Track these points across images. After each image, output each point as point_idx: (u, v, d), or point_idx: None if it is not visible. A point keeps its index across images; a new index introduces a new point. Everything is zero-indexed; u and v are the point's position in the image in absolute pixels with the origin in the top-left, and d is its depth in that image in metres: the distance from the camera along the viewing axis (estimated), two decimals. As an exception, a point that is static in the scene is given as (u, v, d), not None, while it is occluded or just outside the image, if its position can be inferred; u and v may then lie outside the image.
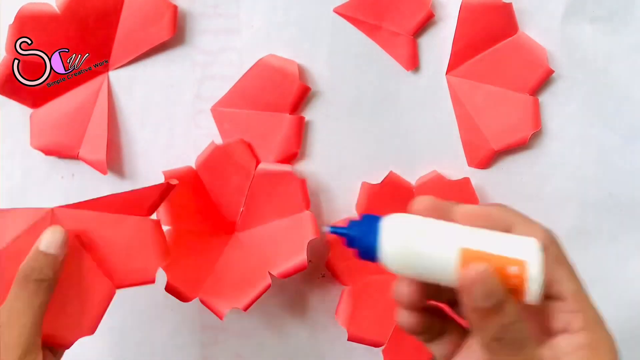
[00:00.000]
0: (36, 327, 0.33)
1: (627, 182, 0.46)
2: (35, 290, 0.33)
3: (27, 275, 0.33)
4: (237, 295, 0.43)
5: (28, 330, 0.32)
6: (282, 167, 0.45)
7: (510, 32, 0.45)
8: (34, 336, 0.32)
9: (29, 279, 0.33)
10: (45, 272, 0.33)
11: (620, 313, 0.46)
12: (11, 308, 0.33)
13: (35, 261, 0.33)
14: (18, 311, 0.32)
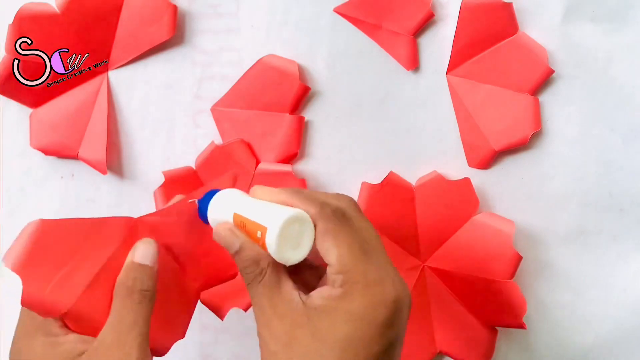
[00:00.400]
0: (145, 340, 0.32)
1: (627, 182, 0.46)
2: (140, 302, 0.32)
3: (130, 287, 0.33)
4: (237, 296, 0.43)
5: (138, 343, 0.31)
6: (281, 167, 0.45)
7: (510, 32, 0.45)
8: (144, 350, 0.32)
9: (133, 290, 0.33)
10: (147, 283, 0.33)
11: (621, 313, 0.46)
12: (119, 323, 0.32)
13: (134, 273, 0.33)
14: (126, 326, 0.32)
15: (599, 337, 0.46)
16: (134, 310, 0.32)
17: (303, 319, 0.30)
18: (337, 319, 0.29)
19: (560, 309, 0.47)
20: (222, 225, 0.33)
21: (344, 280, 0.29)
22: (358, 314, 0.29)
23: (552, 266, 0.46)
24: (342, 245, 0.30)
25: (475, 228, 0.44)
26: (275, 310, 0.30)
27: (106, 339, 0.32)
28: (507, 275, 0.44)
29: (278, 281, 0.31)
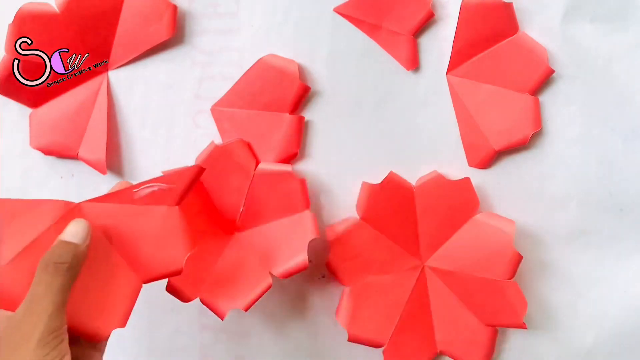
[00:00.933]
0: (57, 311, 0.32)
1: (627, 182, 0.45)
2: (53, 273, 0.33)
3: (46, 260, 0.33)
4: (237, 296, 0.43)
5: (48, 313, 0.32)
6: (281, 166, 0.45)
7: (510, 32, 0.45)
8: (54, 320, 0.32)
9: (48, 263, 0.33)
10: (64, 257, 0.33)
11: (621, 313, 0.46)
12: (32, 295, 0.33)
13: (56, 248, 0.34)
14: (38, 296, 0.32)
15: (599, 337, 0.46)
16: (46, 281, 0.33)
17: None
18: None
19: (560, 309, 0.47)
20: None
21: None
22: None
23: (552, 266, 0.46)
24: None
25: (476, 228, 0.44)
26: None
27: (20, 310, 0.32)
28: (507, 275, 0.44)
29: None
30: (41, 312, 0.32)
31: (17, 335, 0.32)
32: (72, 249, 0.34)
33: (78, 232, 0.35)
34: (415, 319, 0.45)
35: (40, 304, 0.32)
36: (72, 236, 0.34)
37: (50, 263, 0.33)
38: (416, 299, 0.45)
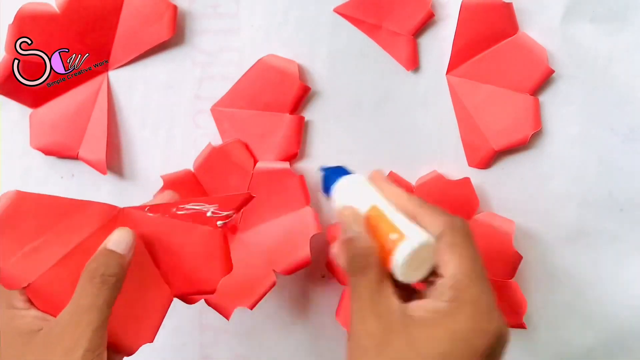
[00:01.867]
0: (102, 326, 0.31)
1: (627, 182, 0.46)
2: (100, 287, 0.32)
3: (92, 271, 0.32)
4: (242, 295, 0.43)
5: (93, 328, 0.31)
6: (279, 164, 0.45)
7: (510, 32, 0.45)
8: (99, 336, 0.31)
9: (94, 274, 0.32)
10: (111, 269, 0.32)
11: (620, 313, 0.46)
12: (76, 307, 0.31)
13: (102, 258, 0.33)
14: (83, 308, 0.31)
15: (599, 337, 0.46)
16: (93, 294, 0.31)
17: (399, 326, 0.29)
18: (438, 335, 0.29)
19: (560, 309, 0.47)
20: (350, 208, 0.34)
21: (454, 296, 0.29)
22: (462, 336, 0.28)
23: (552, 266, 0.46)
24: (464, 261, 0.30)
25: (476, 228, 0.44)
26: (374, 308, 0.30)
27: (62, 320, 0.31)
28: (507, 275, 0.44)
29: (381, 282, 0.31)
30: (85, 326, 0.31)
31: (58, 348, 0.30)
32: (118, 260, 0.33)
33: (124, 241, 0.33)
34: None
35: (85, 318, 0.31)
36: (118, 246, 0.33)
37: (97, 275, 0.32)
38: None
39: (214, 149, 0.45)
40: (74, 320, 0.31)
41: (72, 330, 0.31)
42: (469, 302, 0.29)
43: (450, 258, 0.30)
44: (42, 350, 0.31)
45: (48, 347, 0.31)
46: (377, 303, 0.30)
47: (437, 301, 0.29)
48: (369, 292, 0.31)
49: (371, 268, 0.31)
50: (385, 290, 0.31)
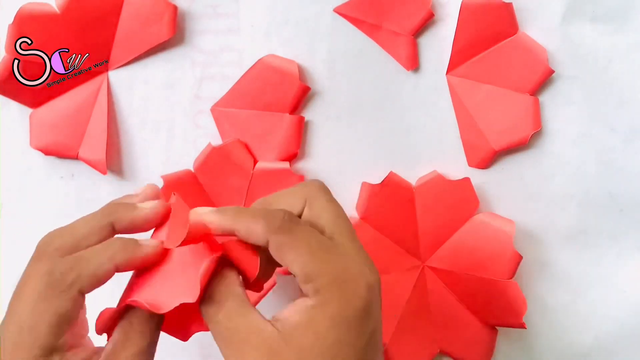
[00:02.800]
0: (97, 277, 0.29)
1: (627, 182, 0.45)
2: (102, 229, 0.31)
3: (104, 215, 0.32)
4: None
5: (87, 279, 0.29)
6: (280, 164, 0.45)
7: (510, 32, 0.45)
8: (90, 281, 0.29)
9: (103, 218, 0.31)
10: (123, 219, 0.32)
11: (620, 313, 0.46)
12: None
13: (117, 208, 0.32)
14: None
15: (599, 337, 0.46)
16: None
17: (280, 345, 0.28)
18: (319, 330, 0.28)
19: (560, 309, 0.47)
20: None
21: (315, 287, 0.28)
22: (337, 317, 0.28)
23: (552, 266, 0.46)
24: (301, 253, 0.29)
25: (475, 228, 0.44)
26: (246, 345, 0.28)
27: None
28: (507, 275, 0.44)
29: (244, 305, 0.29)
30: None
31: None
32: (130, 209, 0.32)
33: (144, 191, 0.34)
34: (415, 319, 0.45)
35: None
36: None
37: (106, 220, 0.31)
38: (416, 299, 0.45)
39: (214, 149, 0.45)
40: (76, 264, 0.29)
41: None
42: (328, 283, 0.28)
43: (289, 259, 0.29)
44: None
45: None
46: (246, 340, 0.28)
47: (306, 299, 0.28)
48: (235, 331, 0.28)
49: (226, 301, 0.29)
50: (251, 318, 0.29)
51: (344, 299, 0.28)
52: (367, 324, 0.28)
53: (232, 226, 0.30)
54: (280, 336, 0.28)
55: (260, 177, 0.45)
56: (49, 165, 0.47)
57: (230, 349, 0.28)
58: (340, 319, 0.28)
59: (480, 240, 0.44)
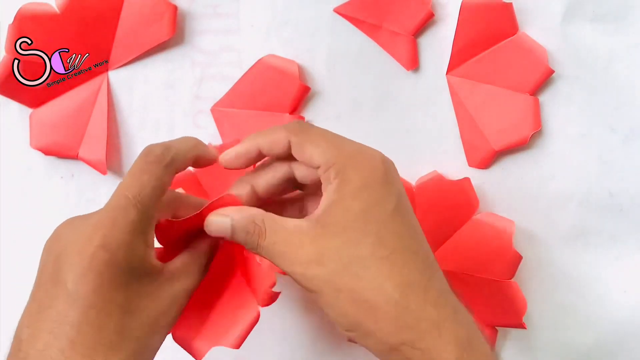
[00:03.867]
0: (152, 201, 0.31)
1: (627, 182, 0.46)
2: (150, 164, 0.32)
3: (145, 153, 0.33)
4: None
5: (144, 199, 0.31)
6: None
7: (510, 32, 0.45)
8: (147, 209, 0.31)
9: (148, 154, 0.33)
10: (167, 153, 0.33)
11: (621, 313, 0.46)
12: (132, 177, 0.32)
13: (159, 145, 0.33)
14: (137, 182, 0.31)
15: (599, 337, 0.46)
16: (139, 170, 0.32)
17: (318, 230, 0.30)
18: (346, 203, 0.30)
19: (560, 309, 0.47)
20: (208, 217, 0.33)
21: (336, 170, 0.31)
22: (360, 187, 0.30)
23: (552, 266, 0.46)
24: (319, 143, 0.32)
25: (475, 228, 0.44)
26: (292, 246, 0.31)
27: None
28: (507, 275, 0.44)
29: (279, 223, 0.32)
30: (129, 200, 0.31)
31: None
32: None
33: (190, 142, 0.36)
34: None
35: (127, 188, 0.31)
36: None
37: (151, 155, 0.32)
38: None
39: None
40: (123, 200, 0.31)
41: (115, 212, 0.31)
42: (346, 163, 0.31)
43: (309, 151, 0.32)
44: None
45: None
46: (290, 243, 0.31)
47: (329, 185, 0.31)
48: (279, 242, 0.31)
49: (262, 228, 0.31)
50: (286, 226, 0.31)
51: (363, 172, 0.31)
52: (389, 188, 0.31)
53: (256, 144, 0.33)
54: (317, 223, 0.31)
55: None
56: (49, 165, 0.47)
57: (282, 258, 0.31)
58: (363, 188, 0.30)
59: (480, 240, 0.44)
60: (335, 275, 0.30)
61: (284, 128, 0.33)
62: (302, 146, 0.32)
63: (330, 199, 0.31)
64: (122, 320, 0.30)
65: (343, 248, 0.30)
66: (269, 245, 0.31)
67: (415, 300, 0.29)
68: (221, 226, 0.32)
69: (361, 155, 0.32)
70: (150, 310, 0.31)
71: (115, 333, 0.29)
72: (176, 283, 0.33)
